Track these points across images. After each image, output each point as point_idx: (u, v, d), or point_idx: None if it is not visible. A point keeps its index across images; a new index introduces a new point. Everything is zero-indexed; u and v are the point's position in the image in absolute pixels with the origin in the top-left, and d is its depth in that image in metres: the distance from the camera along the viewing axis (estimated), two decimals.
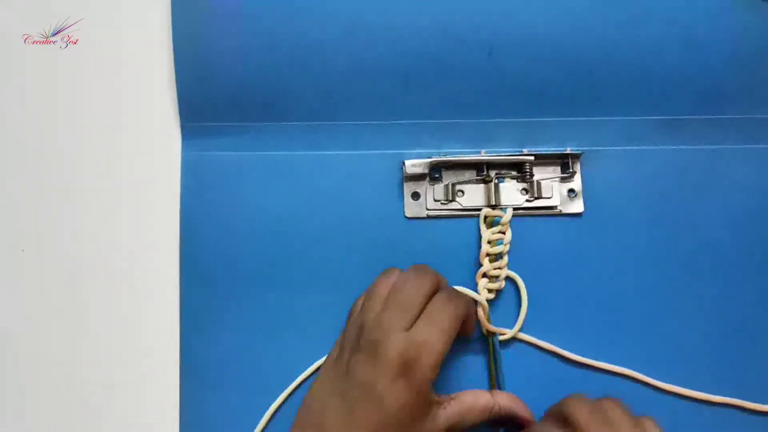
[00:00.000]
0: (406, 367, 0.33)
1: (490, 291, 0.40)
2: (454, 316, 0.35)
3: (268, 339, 0.41)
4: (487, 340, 0.40)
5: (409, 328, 0.34)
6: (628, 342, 0.40)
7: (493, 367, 0.40)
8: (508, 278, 0.41)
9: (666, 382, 0.40)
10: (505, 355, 0.40)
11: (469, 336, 0.40)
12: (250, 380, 0.40)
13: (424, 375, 0.33)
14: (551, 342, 0.40)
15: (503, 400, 0.37)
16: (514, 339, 0.40)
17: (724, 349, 0.40)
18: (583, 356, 0.40)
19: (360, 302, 0.38)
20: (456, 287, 0.39)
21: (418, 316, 0.35)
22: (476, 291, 0.40)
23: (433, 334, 0.34)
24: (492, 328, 0.40)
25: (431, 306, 0.35)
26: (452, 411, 0.35)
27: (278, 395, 0.40)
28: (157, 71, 0.44)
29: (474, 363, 0.40)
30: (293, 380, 0.40)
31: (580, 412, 0.34)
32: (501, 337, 0.40)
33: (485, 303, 0.39)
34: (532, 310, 0.40)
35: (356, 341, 0.35)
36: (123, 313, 0.42)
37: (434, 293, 0.36)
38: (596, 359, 0.40)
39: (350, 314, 0.39)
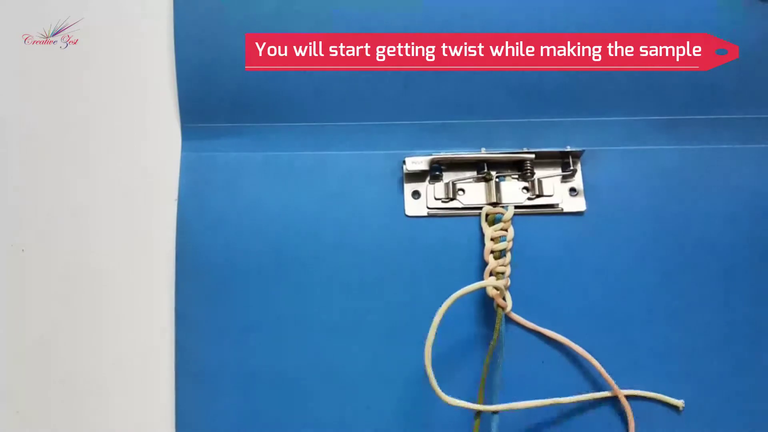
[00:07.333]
0: None
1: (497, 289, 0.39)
2: None
3: (267, 340, 0.40)
4: (490, 313, 0.40)
5: None
6: (628, 338, 0.40)
7: (495, 338, 0.39)
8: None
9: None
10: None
11: None
12: (247, 382, 0.40)
13: None
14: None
15: None
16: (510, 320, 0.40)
17: (723, 350, 0.40)
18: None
19: None
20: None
21: None
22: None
23: None
24: (503, 303, 0.39)
25: None
26: None
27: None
28: (158, 72, 0.44)
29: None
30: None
31: None
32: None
33: (496, 288, 0.39)
34: (533, 307, 0.40)
35: None
36: (119, 313, 0.41)
37: None
38: (596, 356, 0.40)
39: None
